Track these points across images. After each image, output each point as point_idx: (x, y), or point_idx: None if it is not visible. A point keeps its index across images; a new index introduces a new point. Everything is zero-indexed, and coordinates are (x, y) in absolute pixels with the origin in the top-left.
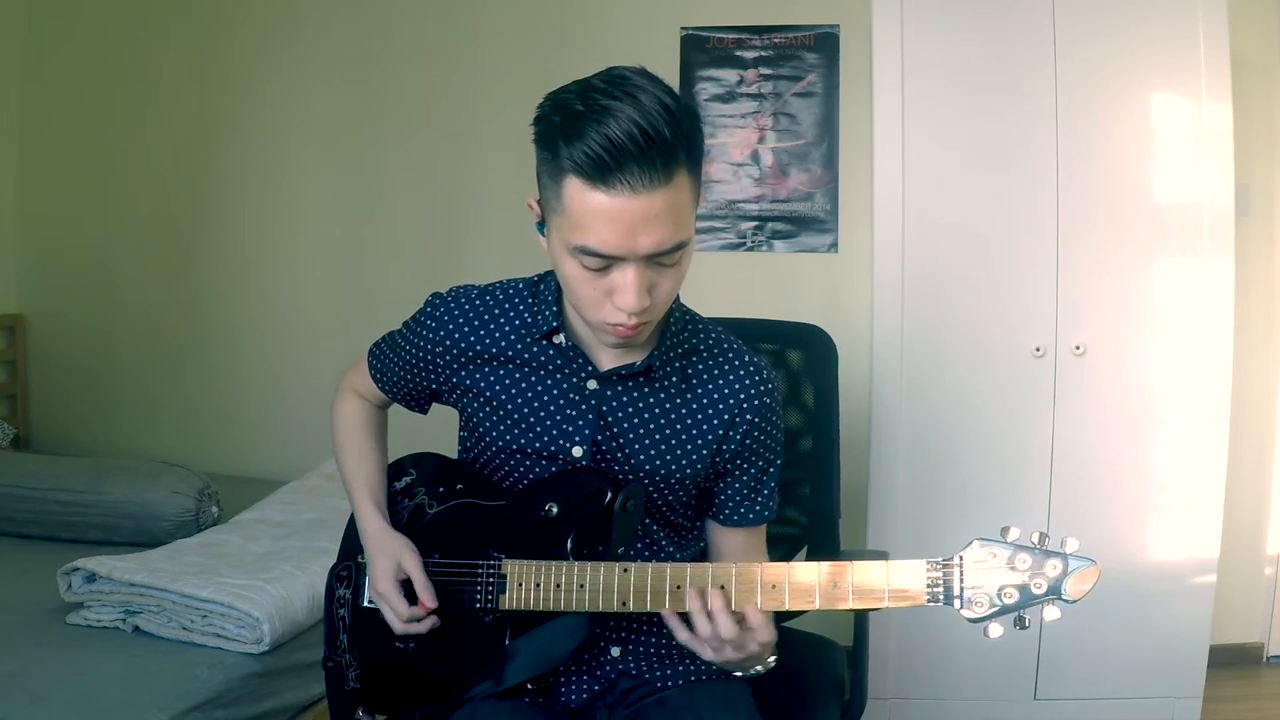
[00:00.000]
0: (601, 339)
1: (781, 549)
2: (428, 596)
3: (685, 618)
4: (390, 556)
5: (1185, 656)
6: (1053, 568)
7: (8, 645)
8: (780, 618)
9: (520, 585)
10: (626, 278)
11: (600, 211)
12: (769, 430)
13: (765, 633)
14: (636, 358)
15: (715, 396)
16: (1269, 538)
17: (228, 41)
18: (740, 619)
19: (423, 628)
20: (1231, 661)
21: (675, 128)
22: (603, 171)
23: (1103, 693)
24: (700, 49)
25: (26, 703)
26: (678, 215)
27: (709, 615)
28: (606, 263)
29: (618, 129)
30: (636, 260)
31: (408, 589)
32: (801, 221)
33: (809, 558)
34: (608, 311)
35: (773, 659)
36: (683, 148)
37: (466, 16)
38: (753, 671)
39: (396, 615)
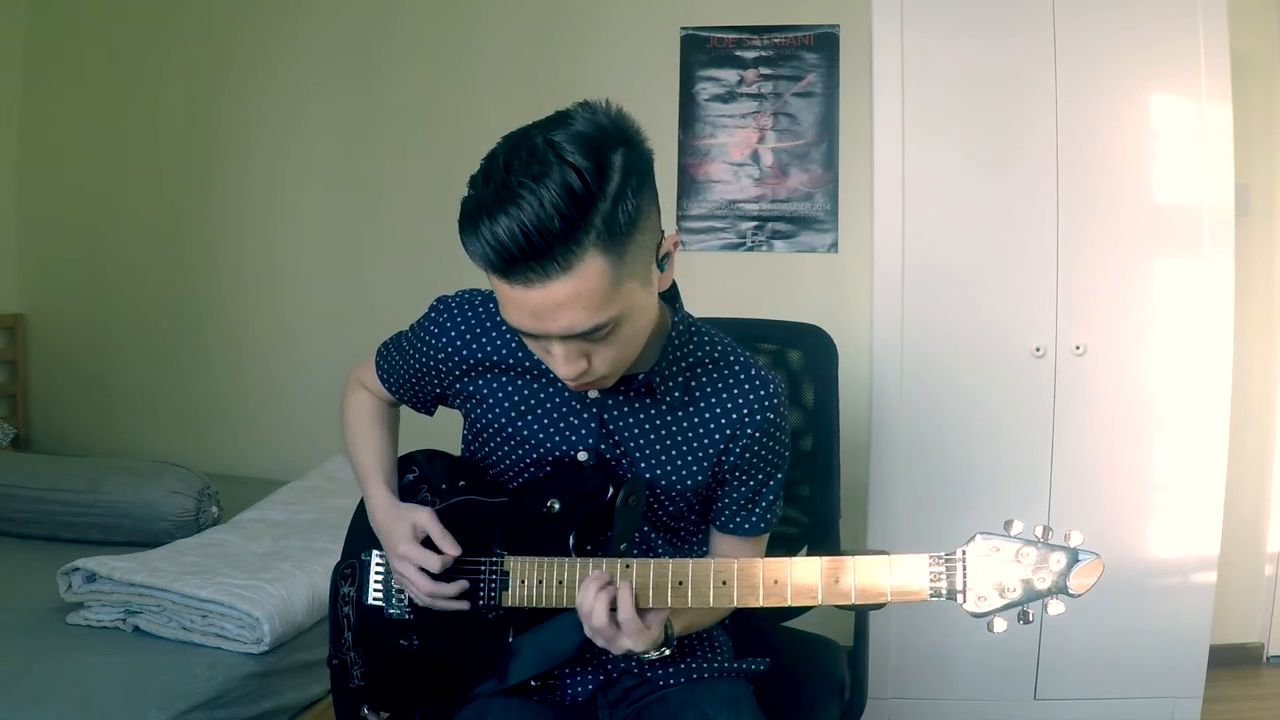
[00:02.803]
0: None
1: (781, 549)
2: (449, 545)
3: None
4: (405, 521)
5: (1185, 656)
6: (1056, 561)
7: (8, 645)
8: (781, 616)
9: (523, 582)
10: (554, 350)
11: (508, 297)
12: (771, 445)
13: (639, 640)
14: (637, 371)
15: (718, 410)
16: (1269, 537)
17: (228, 42)
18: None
19: (451, 590)
20: (1231, 661)
21: (577, 213)
22: (495, 269)
23: (1103, 693)
24: (700, 49)
25: (27, 703)
26: (589, 300)
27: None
28: (533, 334)
29: (503, 231)
30: (557, 337)
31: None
32: (801, 221)
33: None
34: (553, 369)
35: (666, 650)
36: (589, 231)
37: (466, 16)
38: (648, 658)
39: (428, 568)
